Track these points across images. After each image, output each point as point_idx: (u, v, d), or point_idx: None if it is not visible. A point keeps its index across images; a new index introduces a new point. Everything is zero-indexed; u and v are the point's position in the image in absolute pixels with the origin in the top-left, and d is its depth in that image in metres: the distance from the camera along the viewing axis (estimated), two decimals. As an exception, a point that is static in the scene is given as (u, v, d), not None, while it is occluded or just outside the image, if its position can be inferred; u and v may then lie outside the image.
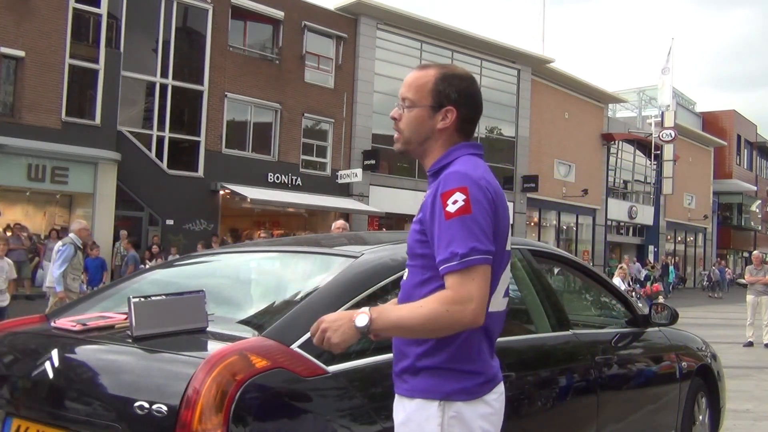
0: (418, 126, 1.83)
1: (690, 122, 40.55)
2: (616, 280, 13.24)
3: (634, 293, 14.04)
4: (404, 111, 1.84)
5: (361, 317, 1.67)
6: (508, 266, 1.87)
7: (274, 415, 1.97)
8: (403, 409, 1.80)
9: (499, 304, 1.83)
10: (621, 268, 14.09)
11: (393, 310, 1.71)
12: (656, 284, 19.54)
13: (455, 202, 1.66)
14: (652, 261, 30.74)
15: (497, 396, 1.81)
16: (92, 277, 11.74)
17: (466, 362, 1.74)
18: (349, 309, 2.29)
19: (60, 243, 8.72)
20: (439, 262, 1.66)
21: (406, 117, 1.84)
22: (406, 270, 1.88)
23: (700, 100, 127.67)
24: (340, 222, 7.05)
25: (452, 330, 1.66)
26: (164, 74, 18.34)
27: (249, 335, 2.20)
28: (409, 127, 1.84)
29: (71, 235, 8.68)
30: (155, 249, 16.38)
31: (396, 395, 1.86)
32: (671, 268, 32.23)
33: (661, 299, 14.45)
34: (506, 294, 1.88)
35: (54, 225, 16.61)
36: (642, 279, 24.50)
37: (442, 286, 1.68)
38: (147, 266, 12.73)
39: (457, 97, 1.81)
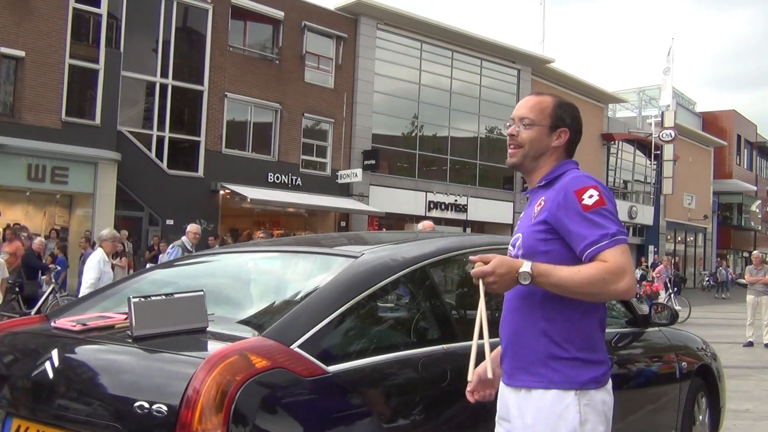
0: (537, 142, 2.07)
1: (690, 122, 40.56)
2: None
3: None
4: (522, 128, 2.08)
5: (524, 275, 1.83)
6: None
7: (274, 415, 1.97)
8: (532, 400, 1.92)
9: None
10: None
11: (552, 271, 1.85)
12: (656, 284, 19.51)
13: (591, 196, 1.91)
14: (645, 260, 30.43)
15: (610, 384, 1.99)
16: None
17: (596, 352, 1.93)
18: (350, 308, 2.30)
19: (170, 246, 8.73)
20: (587, 245, 1.86)
21: (526, 133, 2.08)
22: None
23: (700, 101, 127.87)
24: (428, 223, 6.96)
25: (605, 297, 1.90)
26: (164, 74, 18.34)
27: (249, 335, 2.20)
28: (530, 143, 2.08)
29: (183, 238, 8.65)
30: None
31: (510, 389, 1.98)
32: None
33: (661, 297, 14.43)
34: None
35: (54, 225, 16.61)
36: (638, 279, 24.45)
37: None
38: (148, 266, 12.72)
39: (571, 121, 2.11)
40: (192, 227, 8.70)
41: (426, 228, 6.71)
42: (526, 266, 1.83)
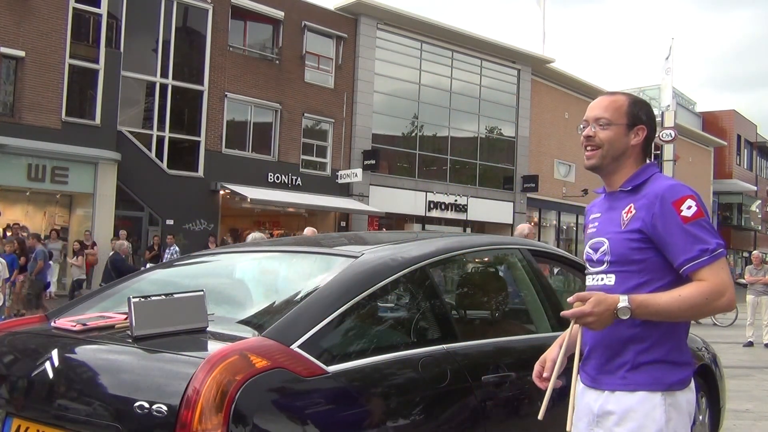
0: (615, 142, 2.05)
1: (690, 122, 40.56)
2: None
3: None
4: (598, 129, 2.06)
5: (624, 309, 1.84)
6: None
7: (274, 415, 1.97)
8: (618, 402, 1.94)
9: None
10: None
11: (651, 300, 1.86)
12: None
13: (689, 207, 1.90)
14: None
15: (693, 382, 2.02)
16: None
17: (682, 354, 1.97)
18: (350, 308, 2.29)
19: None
20: (686, 260, 1.88)
21: (604, 134, 2.05)
22: (609, 276, 2.00)
23: (701, 101, 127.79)
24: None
25: (705, 315, 2.01)
26: (164, 74, 18.34)
27: (249, 335, 2.20)
28: (608, 143, 2.05)
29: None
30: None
31: (596, 391, 2.00)
32: None
33: None
34: None
35: (54, 225, 16.61)
36: None
37: (662, 287, 1.90)
38: (148, 266, 12.74)
39: (647, 118, 2.09)
40: (309, 230, 8.17)
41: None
42: (623, 301, 1.83)
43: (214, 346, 2.12)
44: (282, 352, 2.04)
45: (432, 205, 24.07)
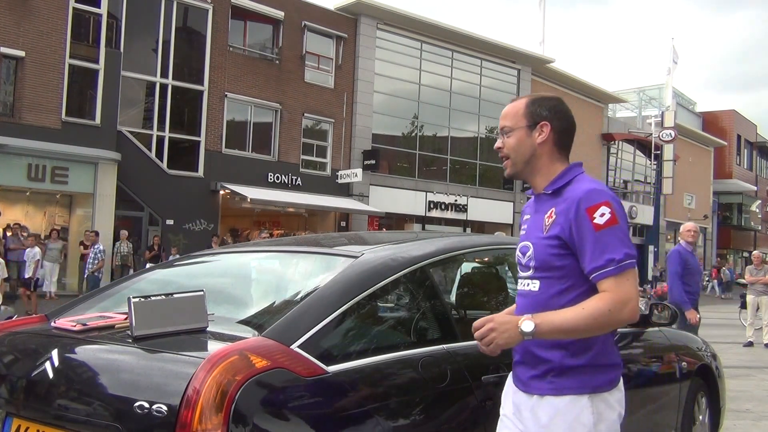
0: (520, 146, 2.04)
1: (690, 122, 40.56)
2: None
3: (643, 293, 14.06)
4: (505, 138, 2.07)
5: (527, 323, 1.85)
6: None
7: (274, 415, 1.96)
8: (550, 406, 1.95)
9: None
10: None
11: (555, 316, 1.88)
12: (666, 284, 19.43)
13: (602, 215, 1.87)
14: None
15: (622, 384, 2.03)
16: None
17: (610, 356, 1.97)
18: (350, 308, 2.30)
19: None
20: (594, 269, 1.86)
21: (509, 141, 2.06)
22: (533, 282, 2.02)
23: (702, 102, 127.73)
24: (691, 225, 6.87)
25: (611, 328, 1.89)
26: (164, 74, 18.34)
27: (249, 335, 2.20)
28: (513, 150, 2.05)
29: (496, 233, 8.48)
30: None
31: (525, 395, 2.02)
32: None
33: None
34: None
35: (54, 225, 16.61)
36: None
37: (584, 292, 1.90)
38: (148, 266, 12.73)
39: (548, 113, 2.03)
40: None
41: (691, 230, 6.71)
42: (526, 321, 1.86)
43: (214, 346, 2.11)
44: (282, 352, 2.04)
45: (432, 205, 24.07)
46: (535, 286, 2.01)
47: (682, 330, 6.18)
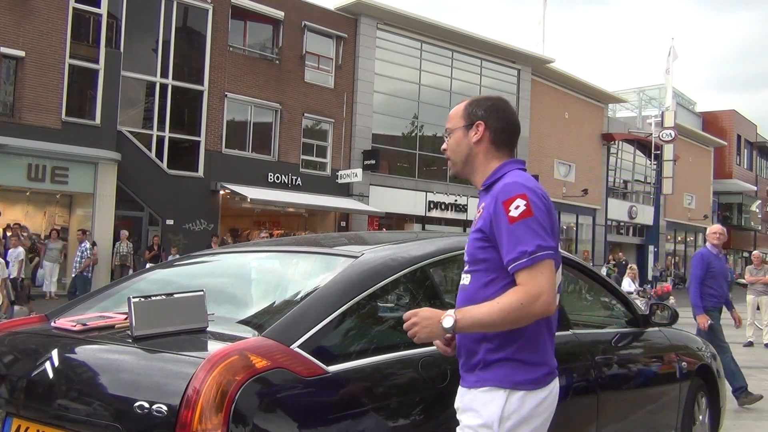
0: (457, 146, 2.11)
1: (690, 122, 40.55)
2: (626, 281, 13.23)
3: (643, 293, 14.06)
4: (447, 141, 2.15)
5: (448, 319, 1.90)
6: (560, 266, 2.02)
7: (274, 415, 1.96)
8: (472, 398, 2.00)
9: (556, 299, 1.96)
10: (630, 268, 14.26)
11: (473, 310, 1.91)
12: (667, 284, 19.38)
13: (517, 207, 1.89)
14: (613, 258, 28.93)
15: (554, 387, 2.00)
16: None
17: (533, 353, 1.95)
18: (350, 308, 2.30)
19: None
20: (509, 261, 1.88)
21: (449, 143, 2.14)
22: (466, 276, 2.08)
23: (703, 102, 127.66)
24: (717, 227, 6.81)
25: (527, 321, 1.88)
26: (164, 74, 18.34)
27: (249, 335, 2.20)
28: (452, 150, 2.13)
29: None
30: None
31: (463, 389, 2.06)
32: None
33: (672, 300, 14.41)
34: (559, 290, 2.01)
35: (54, 225, 16.61)
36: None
37: (507, 285, 1.91)
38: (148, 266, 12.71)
39: (484, 112, 2.07)
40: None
41: (716, 233, 6.65)
42: (447, 316, 1.90)
43: (214, 346, 2.11)
44: (282, 352, 2.04)
45: (432, 205, 24.07)
46: (467, 280, 2.07)
47: (705, 335, 6.20)
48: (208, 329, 2.31)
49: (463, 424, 2.00)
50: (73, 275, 13.56)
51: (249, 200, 18.70)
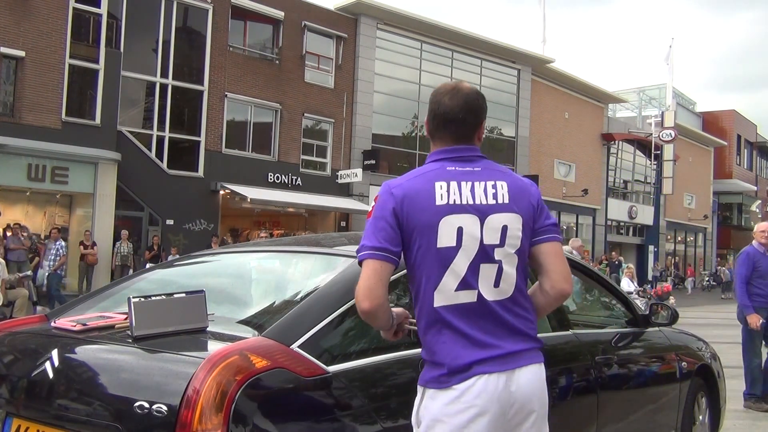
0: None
1: (690, 122, 40.55)
2: (625, 281, 13.22)
3: (643, 293, 14.06)
4: None
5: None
6: (460, 259, 1.88)
7: (274, 415, 1.96)
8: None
9: (451, 297, 1.88)
10: (629, 267, 14.23)
11: None
12: (667, 284, 19.35)
13: (372, 207, 1.95)
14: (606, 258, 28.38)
15: (474, 388, 1.85)
16: None
17: (432, 354, 1.93)
18: (350, 308, 2.30)
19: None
20: None
21: None
22: None
23: (703, 103, 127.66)
24: (765, 225, 6.46)
25: (371, 323, 1.94)
26: (164, 74, 18.34)
27: (249, 335, 2.20)
28: None
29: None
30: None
31: None
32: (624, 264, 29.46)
33: (672, 300, 14.41)
34: (468, 287, 1.89)
35: (54, 225, 16.58)
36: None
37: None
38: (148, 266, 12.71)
39: (428, 107, 2.05)
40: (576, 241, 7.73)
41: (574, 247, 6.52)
42: None
43: (214, 346, 2.12)
44: (282, 352, 2.04)
45: (432, 205, 24.02)
46: None
47: (745, 334, 6.17)
48: (208, 329, 2.31)
49: None
50: (47, 273, 13.45)
51: (249, 200, 18.70)
